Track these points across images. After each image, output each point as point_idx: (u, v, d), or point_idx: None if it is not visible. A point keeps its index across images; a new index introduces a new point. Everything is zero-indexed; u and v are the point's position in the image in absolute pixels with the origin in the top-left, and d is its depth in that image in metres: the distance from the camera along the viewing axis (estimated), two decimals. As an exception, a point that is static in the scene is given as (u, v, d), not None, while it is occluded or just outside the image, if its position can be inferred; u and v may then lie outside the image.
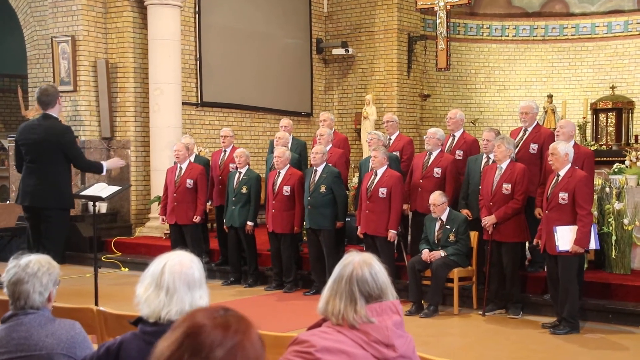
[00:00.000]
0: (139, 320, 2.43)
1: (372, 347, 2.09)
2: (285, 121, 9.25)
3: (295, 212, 8.06)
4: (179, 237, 8.53)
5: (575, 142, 6.97)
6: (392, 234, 7.38)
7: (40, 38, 11.43)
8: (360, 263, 2.21)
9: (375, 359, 2.09)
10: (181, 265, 2.39)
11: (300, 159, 8.81)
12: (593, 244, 6.30)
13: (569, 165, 6.26)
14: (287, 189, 8.04)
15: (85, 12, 10.80)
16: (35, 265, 2.89)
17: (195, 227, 8.56)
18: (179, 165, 8.57)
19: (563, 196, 6.19)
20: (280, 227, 8.05)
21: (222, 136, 9.09)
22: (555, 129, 7.33)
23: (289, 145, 8.72)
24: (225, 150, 9.01)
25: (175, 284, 2.36)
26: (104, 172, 7.32)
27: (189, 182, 8.45)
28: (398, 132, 8.66)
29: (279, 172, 8.13)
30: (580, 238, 6.11)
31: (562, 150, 6.23)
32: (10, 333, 2.77)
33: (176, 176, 8.54)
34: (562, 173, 6.26)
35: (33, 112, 10.98)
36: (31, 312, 2.85)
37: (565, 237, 6.14)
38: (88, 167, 7.33)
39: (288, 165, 8.13)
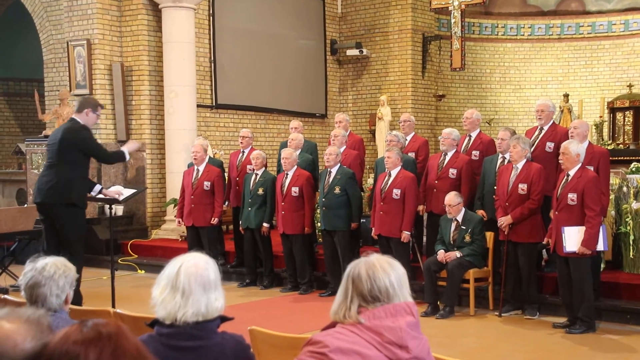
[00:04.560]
0: (155, 322, 2.44)
1: (385, 348, 2.08)
2: (295, 123, 9.27)
3: (304, 212, 8.09)
4: (196, 239, 8.57)
5: (589, 141, 6.92)
6: (405, 235, 7.37)
7: (56, 42, 11.53)
8: (364, 263, 2.20)
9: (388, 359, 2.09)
10: (196, 267, 2.41)
11: (314, 159, 8.82)
12: (601, 246, 6.21)
13: (579, 165, 6.21)
14: (295, 190, 8.05)
15: (101, 15, 10.88)
16: (52, 268, 2.92)
17: (212, 228, 8.59)
18: (196, 167, 8.60)
19: (572, 197, 6.14)
20: (291, 228, 8.07)
21: (241, 137, 9.10)
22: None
23: (302, 146, 8.74)
24: (243, 152, 9.02)
25: (190, 286, 2.37)
26: (128, 158, 7.28)
27: (206, 184, 8.48)
28: (414, 132, 8.62)
29: (287, 174, 8.14)
30: (588, 239, 6.05)
31: (574, 150, 6.18)
32: (28, 335, 2.79)
33: (193, 178, 8.57)
34: (571, 173, 6.21)
35: (49, 116, 11.08)
36: (49, 315, 2.87)
37: (572, 238, 6.09)
38: (111, 158, 7.30)
39: (295, 166, 8.14)
